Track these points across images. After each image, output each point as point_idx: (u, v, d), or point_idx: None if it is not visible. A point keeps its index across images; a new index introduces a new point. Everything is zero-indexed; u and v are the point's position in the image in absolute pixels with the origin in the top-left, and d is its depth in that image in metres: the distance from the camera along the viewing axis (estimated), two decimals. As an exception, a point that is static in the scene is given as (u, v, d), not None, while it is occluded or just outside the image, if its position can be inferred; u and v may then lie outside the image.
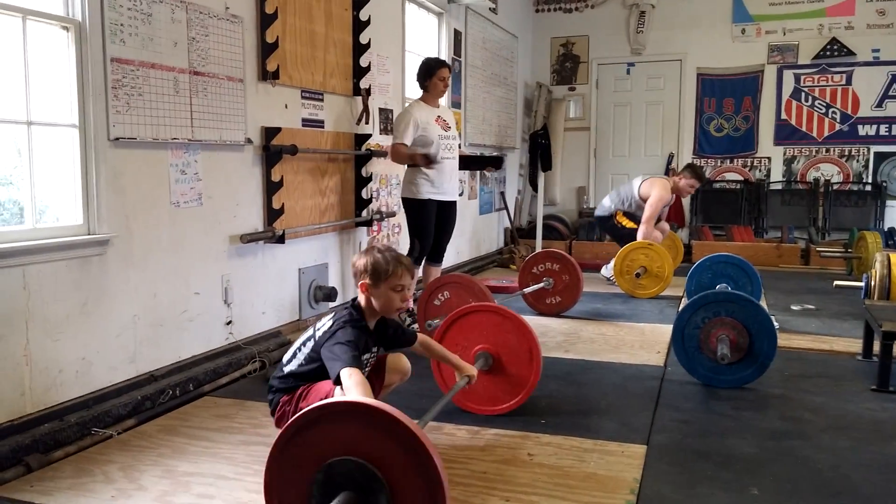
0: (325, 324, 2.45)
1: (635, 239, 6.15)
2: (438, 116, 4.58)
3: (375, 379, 2.63)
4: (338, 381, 2.19)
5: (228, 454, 2.59)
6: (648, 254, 5.69)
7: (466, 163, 5.18)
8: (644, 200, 6.05)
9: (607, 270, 6.28)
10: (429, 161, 4.35)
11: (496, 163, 5.41)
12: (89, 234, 2.88)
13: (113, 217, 2.95)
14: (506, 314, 3.01)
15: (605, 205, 6.42)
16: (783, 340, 3.64)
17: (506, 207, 8.02)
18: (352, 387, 2.10)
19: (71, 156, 2.85)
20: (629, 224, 6.17)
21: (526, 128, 8.67)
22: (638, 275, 5.66)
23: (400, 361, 2.71)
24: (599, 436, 2.78)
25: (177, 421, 2.94)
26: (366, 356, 2.49)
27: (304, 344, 2.50)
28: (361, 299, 2.47)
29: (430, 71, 4.53)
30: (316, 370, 2.42)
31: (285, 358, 2.57)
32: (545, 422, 2.94)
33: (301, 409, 2.27)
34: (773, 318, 3.51)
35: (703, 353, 3.44)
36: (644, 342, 4.27)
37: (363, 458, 1.71)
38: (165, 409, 3.05)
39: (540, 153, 7.99)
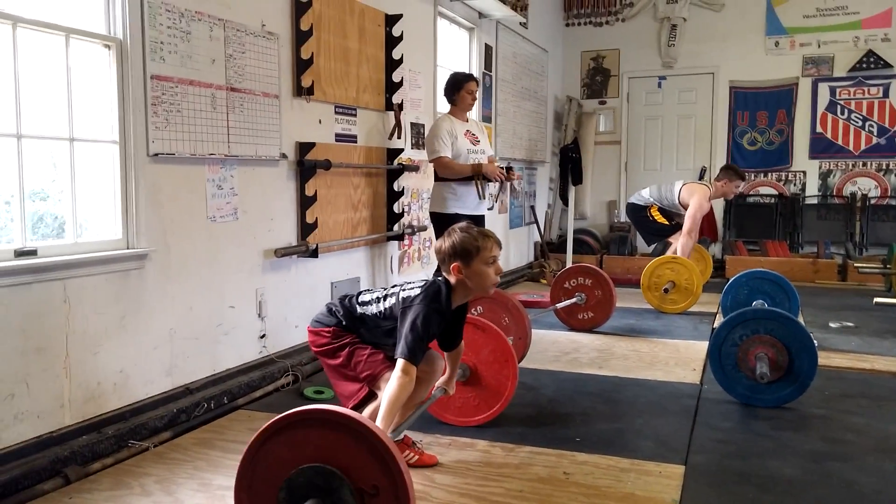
0: (414, 289, 2.39)
1: (664, 235, 6.05)
2: (467, 131, 4.58)
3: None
4: (392, 360, 2.25)
5: (263, 469, 2.59)
6: (675, 268, 5.62)
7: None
8: (682, 205, 5.92)
9: None
10: (497, 175, 4.43)
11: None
12: (128, 249, 2.92)
13: (151, 231, 2.99)
14: (483, 326, 3.01)
15: (644, 195, 6.27)
16: (822, 359, 3.56)
17: (536, 221, 7.99)
18: (395, 387, 2.17)
19: (111, 171, 2.90)
20: (661, 219, 6.06)
21: (556, 141, 8.65)
22: (666, 290, 5.58)
23: (433, 360, 2.58)
24: (636, 455, 2.73)
25: (212, 434, 2.96)
26: (440, 328, 2.43)
27: (385, 298, 2.43)
28: (451, 278, 2.39)
29: (457, 84, 4.54)
30: (384, 327, 2.41)
31: (360, 297, 2.50)
32: (580, 440, 2.90)
33: (348, 361, 2.43)
34: (811, 335, 3.44)
35: (742, 371, 3.38)
36: (679, 359, 4.20)
37: (331, 465, 1.73)
38: (200, 421, 3.07)
39: (570, 167, 7.96)
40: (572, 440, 2.90)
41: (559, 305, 4.91)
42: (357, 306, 2.48)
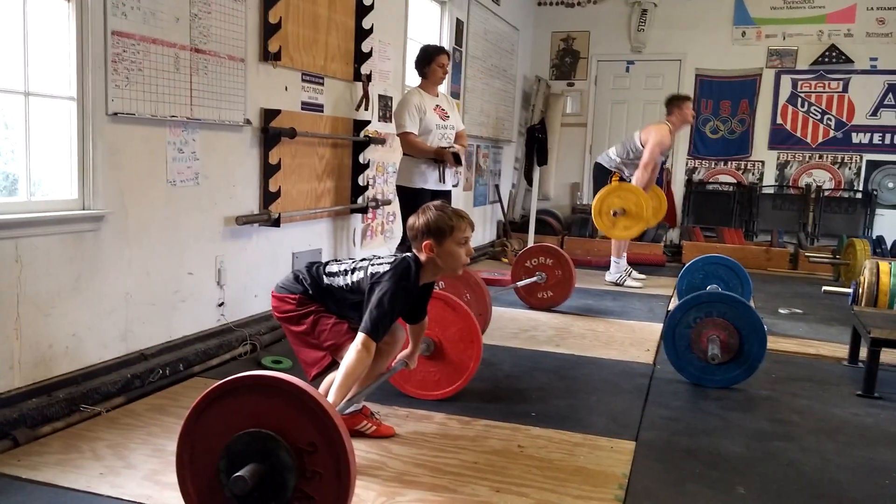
0: (384, 265, 2.37)
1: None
2: (437, 105, 4.56)
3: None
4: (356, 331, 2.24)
5: (218, 435, 2.57)
6: (623, 195, 5.67)
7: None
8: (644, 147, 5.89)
9: (611, 275, 6.22)
10: (457, 162, 4.40)
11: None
12: (84, 210, 2.85)
13: (108, 193, 2.92)
14: (454, 305, 3.02)
15: (610, 155, 6.14)
16: (771, 343, 3.67)
17: (500, 200, 8.02)
18: (352, 360, 2.16)
19: (68, 129, 2.82)
20: None
21: (523, 121, 8.66)
22: (615, 213, 5.64)
23: (396, 331, 2.58)
24: (589, 430, 2.79)
25: (166, 401, 2.92)
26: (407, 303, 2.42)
27: (353, 271, 2.40)
28: (420, 256, 2.38)
29: (428, 57, 4.50)
30: (351, 300, 2.39)
31: (328, 267, 2.47)
32: (535, 414, 2.95)
33: (312, 329, 2.42)
34: (762, 320, 3.53)
35: (694, 352, 3.46)
36: (634, 339, 4.28)
37: (266, 429, 1.75)
38: (155, 388, 3.03)
39: (536, 147, 7.99)
40: (527, 415, 2.94)
41: (519, 284, 4.95)
42: (324, 276, 2.45)
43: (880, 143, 7.88)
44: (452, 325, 3.01)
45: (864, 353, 3.63)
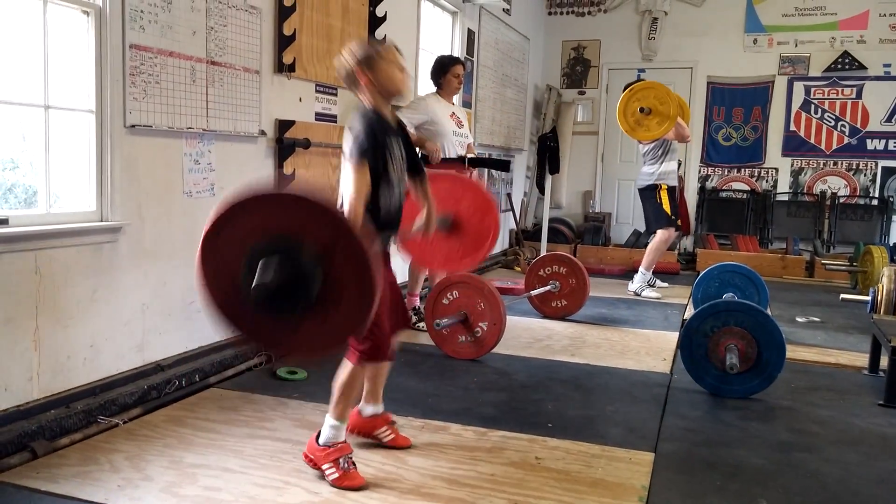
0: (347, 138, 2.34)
1: (672, 223, 5.96)
2: (453, 113, 4.57)
3: (396, 319, 2.50)
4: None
5: (235, 447, 2.57)
6: (644, 94, 5.55)
7: (473, 163, 5.13)
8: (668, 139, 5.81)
9: (633, 285, 6.16)
10: (431, 157, 4.32)
11: (503, 166, 5.39)
12: (102, 221, 2.87)
13: (126, 204, 2.94)
14: (457, 179, 3.03)
15: (645, 172, 6.06)
16: (789, 352, 3.63)
17: (512, 209, 8.01)
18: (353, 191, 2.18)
19: (86, 141, 2.84)
20: (667, 206, 5.90)
21: (534, 130, 8.66)
22: (642, 110, 5.52)
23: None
24: (607, 441, 2.77)
25: (183, 412, 2.93)
26: (391, 142, 2.37)
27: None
28: (365, 98, 2.37)
29: (444, 68, 4.51)
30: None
31: None
32: (552, 425, 2.93)
33: None
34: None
35: (711, 361, 3.43)
36: (650, 348, 4.26)
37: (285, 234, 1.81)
38: (171, 399, 3.03)
39: (548, 156, 7.97)
40: (544, 426, 2.92)
41: (533, 293, 4.93)
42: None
43: (895, 149, 7.82)
44: (464, 198, 2.98)
45: (884, 361, 3.58)
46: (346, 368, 2.33)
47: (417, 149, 4.26)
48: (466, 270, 3.07)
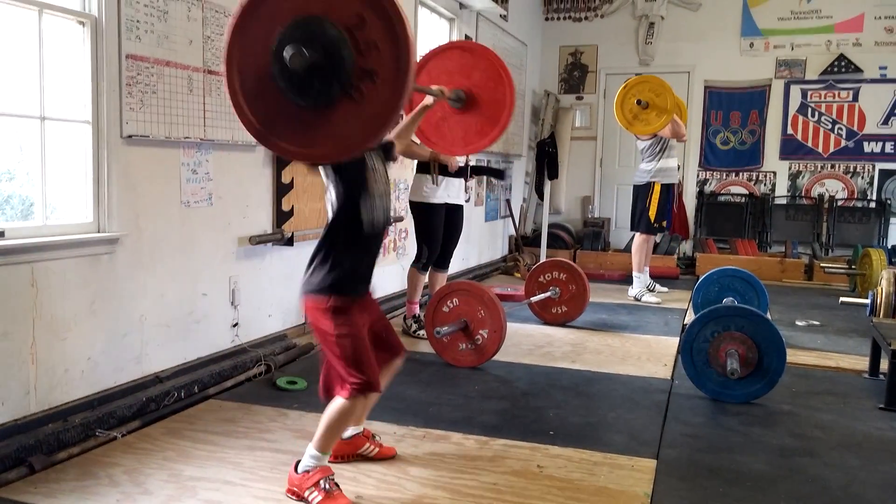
0: None
1: (652, 231, 5.97)
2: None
3: (383, 354, 2.43)
4: None
5: (234, 459, 2.55)
6: (645, 87, 5.56)
7: (474, 171, 5.13)
8: (663, 135, 5.79)
9: (632, 290, 6.15)
10: (449, 166, 4.36)
11: (499, 175, 5.39)
12: (99, 232, 2.85)
13: (123, 215, 2.93)
14: (470, 48, 2.93)
15: (641, 168, 6.04)
16: (789, 356, 3.61)
17: (511, 215, 8.00)
18: None
19: (83, 152, 2.83)
20: (653, 211, 5.89)
21: (533, 135, 8.66)
22: (639, 102, 5.53)
23: (397, 364, 2.53)
24: (609, 449, 2.75)
25: (182, 424, 2.91)
26: (368, 156, 2.28)
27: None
28: None
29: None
30: (343, 204, 2.21)
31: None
32: (553, 433, 2.91)
33: (331, 340, 2.22)
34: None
35: (712, 367, 3.42)
36: (650, 354, 4.24)
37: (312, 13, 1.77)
38: (170, 411, 3.02)
39: (546, 161, 7.98)
40: (545, 433, 2.91)
41: (533, 299, 4.92)
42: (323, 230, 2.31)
43: (892, 151, 7.81)
44: (475, 69, 2.87)
45: (884, 365, 3.57)
46: (337, 404, 2.23)
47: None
48: (490, 143, 2.89)
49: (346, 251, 2.25)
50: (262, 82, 1.84)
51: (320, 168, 2.23)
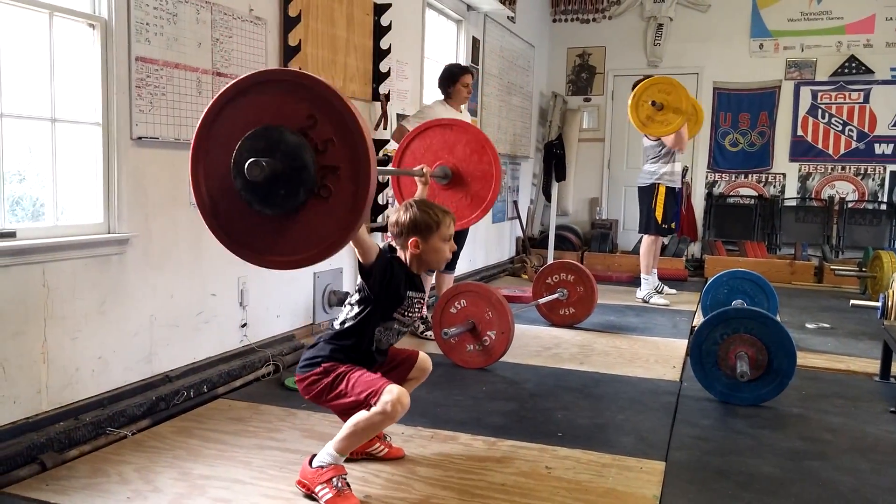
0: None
1: (661, 233, 5.96)
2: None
3: (402, 370, 2.55)
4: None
5: (244, 458, 2.56)
6: (662, 88, 5.52)
7: None
8: (665, 143, 5.77)
9: (640, 292, 6.14)
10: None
11: None
12: (109, 233, 2.87)
13: (133, 216, 2.95)
14: (450, 123, 2.95)
15: (645, 170, 6.02)
16: (799, 359, 3.59)
17: (518, 216, 8.00)
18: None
19: (93, 154, 2.85)
20: (660, 213, 5.88)
21: (540, 137, 8.66)
22: (654, 103, 5.49)
23: (426, 363, 2.62)
24: (617, 450, 2.75)
25: (191, 423, 2.92)
26: (410, 294, 2.37)
27: (352, 303, 2.36)
28: (404, 255, 2.37)
29: (453, 77, 4.51)
30: (361, 320, 2.30)
31: (334, 325, 2.41)
32: (562, 434, 2.91)
33: (347, 388, 2.26)
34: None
35: (721, 369, 3.41)
36: (659, 356, 4.23)
37: (268, 123, 1.84)
38: (180, 410, 3.03)
39: (554, 163, 7.97)
40: (554, 435, 2.90)
41: (541, 301, 4.92)
42: (336, 326, 2.38)
43: (903, 153, 7.79)
44: (458, 143, 2.90)
45: (895, 368, 3.56)
46: (369, 412, 2.22)
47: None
48: (477, 217, 2.94)
49: (347, 352, 2.34)
50: (232, 201, 1.89)
51: (358, 280, 2.31)
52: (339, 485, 2.22)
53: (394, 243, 2.41)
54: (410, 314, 2.41)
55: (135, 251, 2.96)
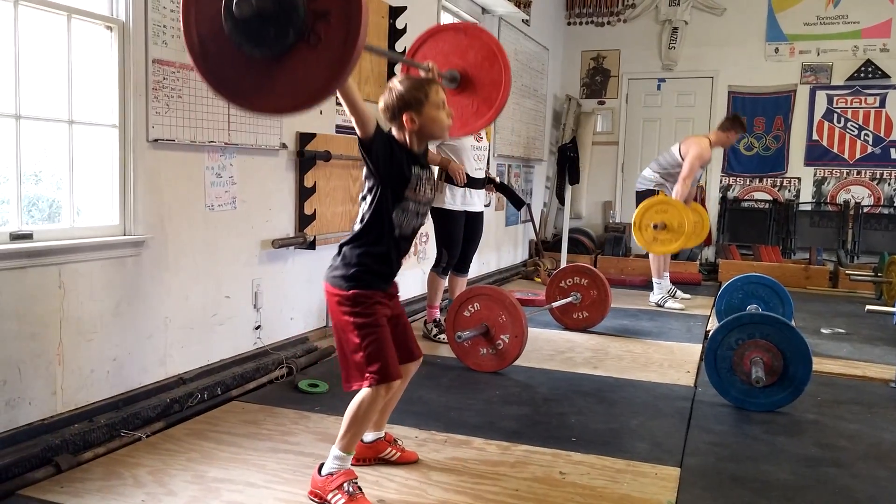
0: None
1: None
2: (472, 126, 4.55)
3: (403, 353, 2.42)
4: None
5: (258, 461, 2.57)
6: (663, 208, 5.62)
7: (499, 187, 5.08)
8: (684, 158, 5.82)
9: (654, 296, 6.12)
10: (456, 179, 4.35)
11: (518, 203, 5.42)
12: (125, 235, 2.89)
13: (149, 218, 2.96)
14: (464, 28, 2.85)
15: (647, 176, 6.10)
16: (815, 365, 3.56)
17: (532, 220, 7.98)
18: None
19: (110, 156, 2.86)
20: None
21: (554, 140, 8.64)
22: (656, 226, 5.59)
23: (411, 370, 2.51)
24: (632, 456, 2.73)
25: (205, 425, 2.93)
26: (416, 171, 2.28)
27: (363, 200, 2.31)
28: (402, 136, 2.29)
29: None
30: (376, 206, 2.24)
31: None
32: (576, 440, 2.89)
33: (350, 337, 2.24)
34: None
35: (736, 375, 3.38)
36: (673, 361, 4.20)
37: None
38: (194, 412, 3.04)
39: (568, 166, 7.94)
40: (568, 440, 2.89)
41: (554, 304, 4.90)
42: (357, 227, 2.31)
43: (920, 158, 7.71)
44: (469, 49, 2.79)
45: (913, 375, 3.52)
46: (358, 398, 2.24)
47: (437, 169, 4.31)
48: (486, 123, 2.81)
49: (372, 250, 2.27)
50: (222, 45, 1.84)
51: (363, 170, 2.26)
52: (351, 489, 2.21)
53: (393, 129, 2.33)
54: (422, 192, 2.32)
55: (150, 253, 2.98)
